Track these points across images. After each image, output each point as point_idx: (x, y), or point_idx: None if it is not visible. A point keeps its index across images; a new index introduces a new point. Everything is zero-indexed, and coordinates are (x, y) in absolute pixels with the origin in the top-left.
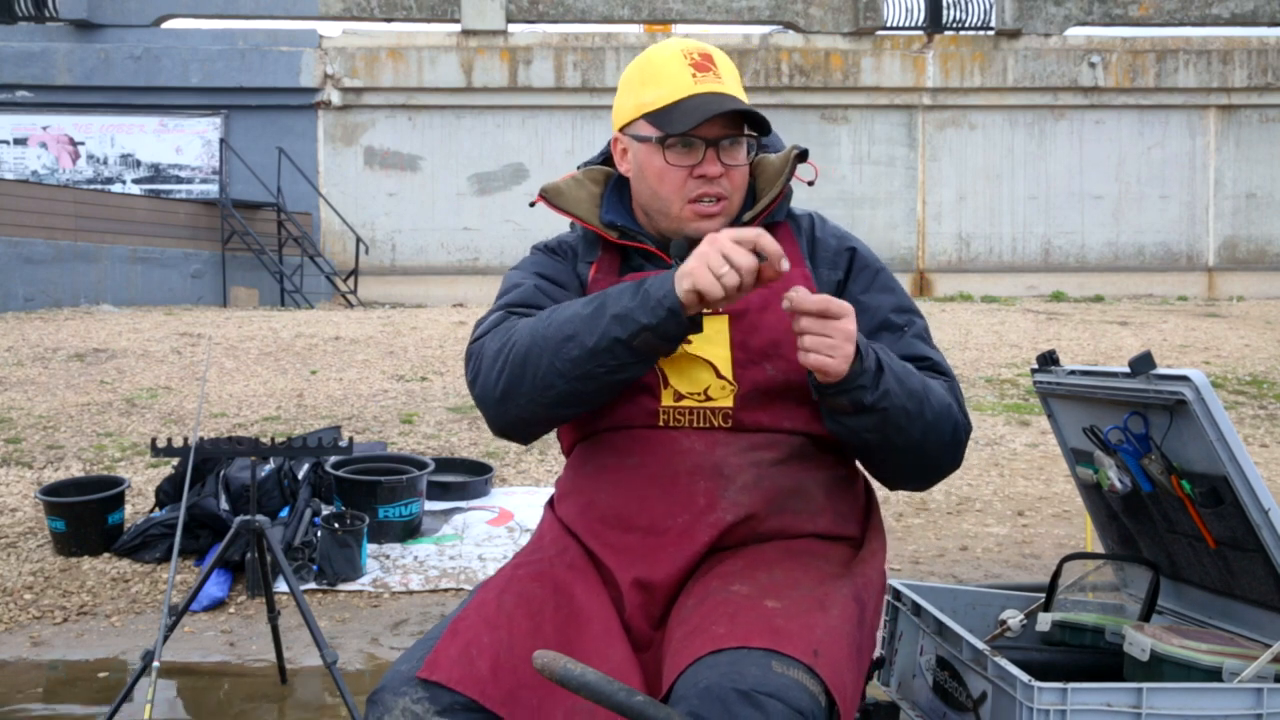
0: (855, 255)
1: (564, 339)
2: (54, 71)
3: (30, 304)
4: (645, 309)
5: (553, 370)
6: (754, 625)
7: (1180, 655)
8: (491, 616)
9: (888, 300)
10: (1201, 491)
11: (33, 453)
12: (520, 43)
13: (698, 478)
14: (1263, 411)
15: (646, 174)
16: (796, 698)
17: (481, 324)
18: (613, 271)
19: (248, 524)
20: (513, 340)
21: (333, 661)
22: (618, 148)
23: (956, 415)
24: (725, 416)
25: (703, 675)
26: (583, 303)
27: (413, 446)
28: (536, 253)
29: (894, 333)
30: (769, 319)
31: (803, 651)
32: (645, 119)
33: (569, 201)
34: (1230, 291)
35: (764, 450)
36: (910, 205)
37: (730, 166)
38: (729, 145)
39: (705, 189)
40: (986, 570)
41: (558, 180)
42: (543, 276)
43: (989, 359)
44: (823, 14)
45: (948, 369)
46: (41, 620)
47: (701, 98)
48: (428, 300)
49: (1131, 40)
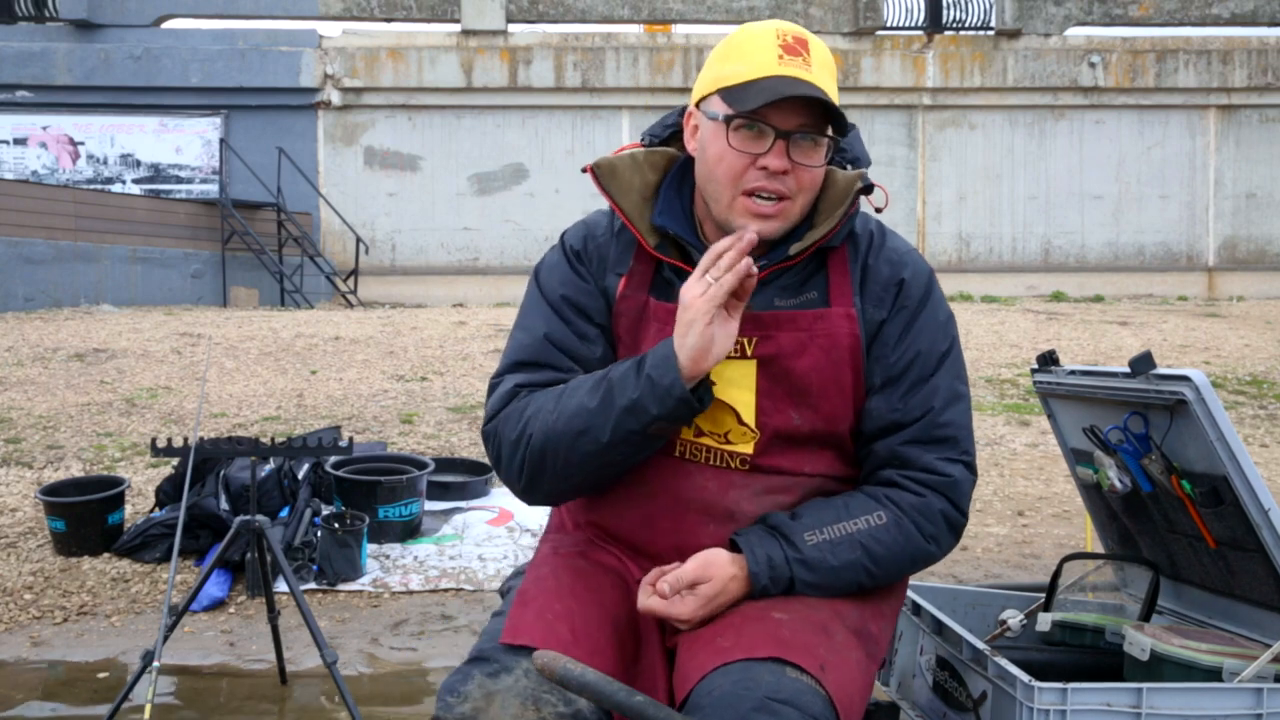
0: (903, 291)
1: (577, 434)
2: (54, 71)
3: (30, 304)
4: (654, 398)
5: (570, 465)
6: (761, 636)
7: (1180, 655)
8: (555, 589)
9: (912, 350)
10: (1201, 491)
11: (33, 453)
12: (520, 43)
13: (708, 520)
14: (1263, 411)
15: (708, 155)
16: (809, 704)
17: (493, 392)
18: (643, 287)
19: (248, 524)
20: (527, 433)
21: (333, 662)
22: (689, 123)
23: (920, 554)
24: (743, 461)
25: (716, 685)
26: (589, 388)
27: (413, 446)
28: (562, 259)
29: (903, 393)
30: (800, 365)
31: (811, 664)
32: (719, 95)
33: (619, 187)
34: (1230, 291)
35: (781, 494)
36: (910, 205)
37: (800, 165)
38: (804, 142)
39: (765, 183)
40: (986, 570)
41: (612, 156)
42: (566, 301)
43: (989, 359)
44: (823, 14)
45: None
46: (41, 620)
47: (781, 79)
48: (428, 300)
49: (1131, 40)
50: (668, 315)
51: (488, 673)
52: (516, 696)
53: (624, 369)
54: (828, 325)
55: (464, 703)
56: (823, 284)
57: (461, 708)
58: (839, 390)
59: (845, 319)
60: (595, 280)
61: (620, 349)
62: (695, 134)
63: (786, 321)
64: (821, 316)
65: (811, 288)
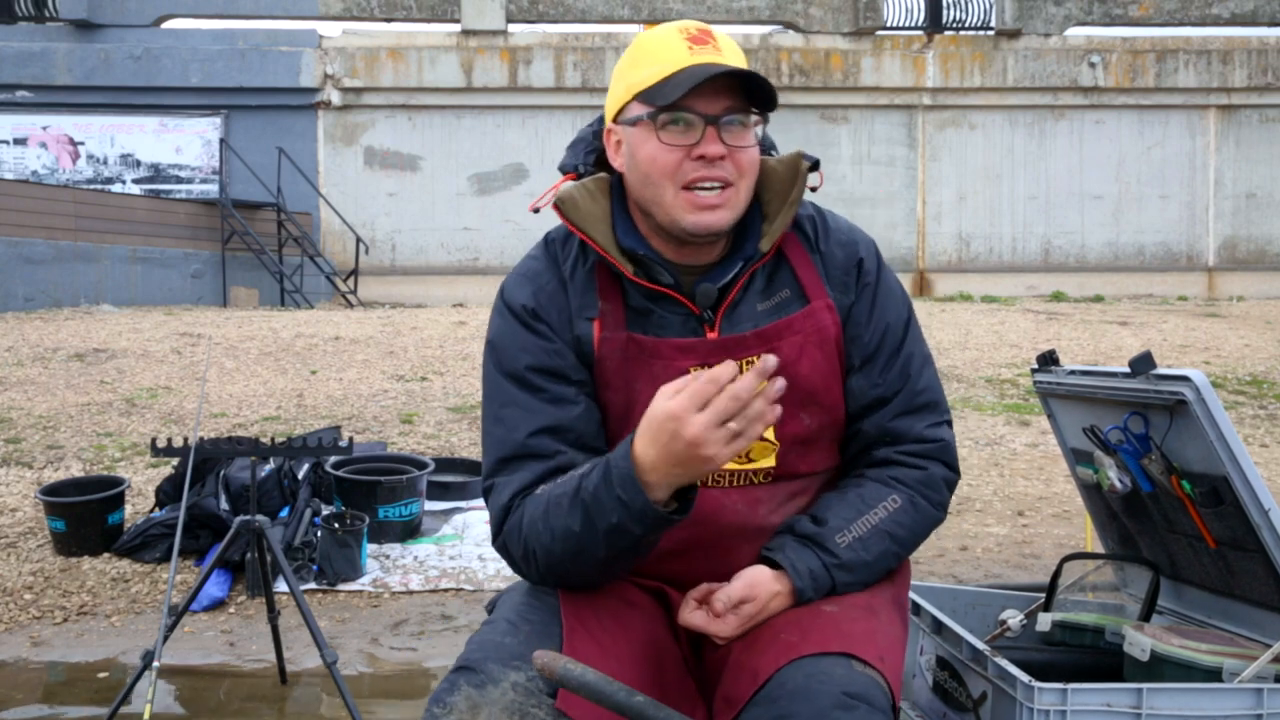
0: (862, 272)
1: (575, 555)
2: (54, 71)
3: (30, 304)
4: (633, 520)
5: (585, 574)
6: (826, 632)
7: (1180, 655)
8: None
9: (881, 324)
10: (1201, 491)
11: (33, 453)
12: (520, 43)
13: (741, 541)
14: (1263, 411)
15: (639, 159)
16: (877, 697)
17: (488, 496)
18: (620, 325)
19: (248, 524)
20: (531, 549)
21: (333, 661)
22: (610, 140)
23: (934, 521)
24: (766, 474)
25: (789, 679)
26: (568, 506)
27: (413, 446)
28: (514, 324)
29: (881, 368)
30: (803, 369)
31: (873, 656)
32: (638, 100)
33: (585, 219)
34: (1230, 291)
35: (799, 497)
36: (910, 205)
37: (735, 148)
38: (733, 125)
39: (705, 172)
40: (986, 570)
41: (569, 188)
42: (533, 372)
43: (989, 359)
44: (823, 14)
45: (941, 411)
46: (41, 620)
47: (697, 66)
48: (428, 300)
49: (1131, 40)
50: (658, 350)
51: (474, 684)
52: (503, 710)
53: (595, 483)
54: (816, 321)
55: (449, 714)
56: (790, 279)
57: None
58: (834, 378)
59: (828, 311)
60: (560, 334)
61: (609, 393)
62: (619, 149)
63: (785, 329)
64: (810, 314)
65: (781, 285)
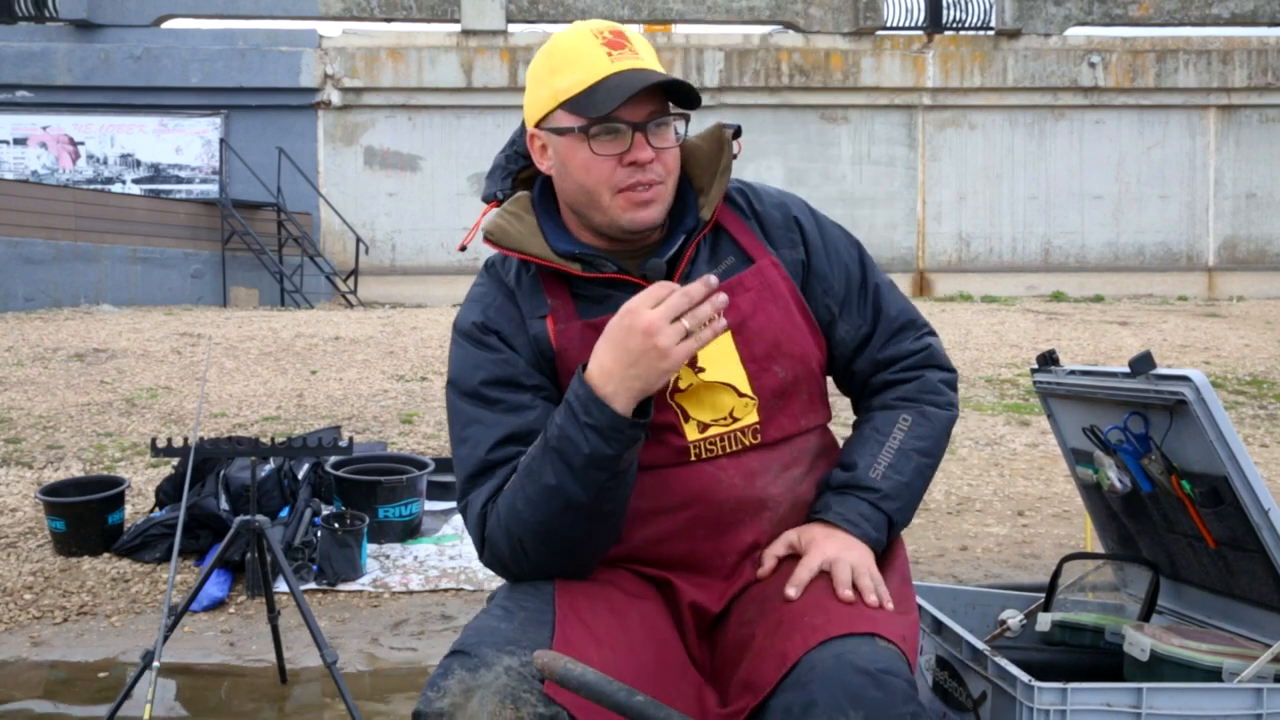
0: (802, 226)
1: (560, 513)
2: (54, 71)
3: (30, 304)
4: (605, 440)
5: (572, 539)
6: (849, 613)
7: (1180, 655)
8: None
9: (841, 268)
10: (1201, 491)
11: (33, 453)
12: (520, 43)
13: (741, 514)
14: (1263, 411)
15: (571, 168)
16: (902, 670)
17: (465, 516)
18: (571, 316)
19: (248, 524)
20: (516, 537)
21: (333, 661)
22: (535, 144)
23: (948, 420)
24: (754, 433)
25: (818, 660)
26: (538, 466)
27: (413, 446)
28: (465, 346)
29: (856, 308)
30: (762, 321)
31: (895, 635)
32: (563, 108)
33: (518, 241)
34: (1230, 291)
35: (794, 467)
36: (910, 205)
37: (661, 149)
38: (657, 127)
39: (638, 176)
40: (986, 570)
41: (496, 219)
42: (487, 385)
43: (989, 359)
44: (823, 14)
45: (920, 325)
46: (41, 620)
47: (621, 75)
48: (428, 300)
49: (1131, 40)
50: None
51: (468, 668)
52: (496, 694)
53: (558, 425)
54: (764, 278)
55: (443, 698)
56: (732, 246)
57: (440, 703)
58: (798, 329)
59: (774, 267)
60: (512, 341)
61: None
62: (545, 153)
63: (736, 286)
64: (758, 272)
65: (724, 254)
